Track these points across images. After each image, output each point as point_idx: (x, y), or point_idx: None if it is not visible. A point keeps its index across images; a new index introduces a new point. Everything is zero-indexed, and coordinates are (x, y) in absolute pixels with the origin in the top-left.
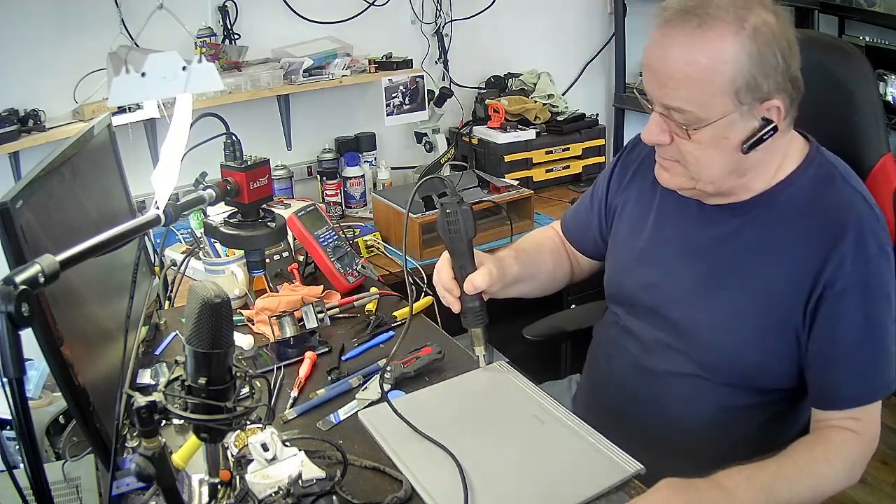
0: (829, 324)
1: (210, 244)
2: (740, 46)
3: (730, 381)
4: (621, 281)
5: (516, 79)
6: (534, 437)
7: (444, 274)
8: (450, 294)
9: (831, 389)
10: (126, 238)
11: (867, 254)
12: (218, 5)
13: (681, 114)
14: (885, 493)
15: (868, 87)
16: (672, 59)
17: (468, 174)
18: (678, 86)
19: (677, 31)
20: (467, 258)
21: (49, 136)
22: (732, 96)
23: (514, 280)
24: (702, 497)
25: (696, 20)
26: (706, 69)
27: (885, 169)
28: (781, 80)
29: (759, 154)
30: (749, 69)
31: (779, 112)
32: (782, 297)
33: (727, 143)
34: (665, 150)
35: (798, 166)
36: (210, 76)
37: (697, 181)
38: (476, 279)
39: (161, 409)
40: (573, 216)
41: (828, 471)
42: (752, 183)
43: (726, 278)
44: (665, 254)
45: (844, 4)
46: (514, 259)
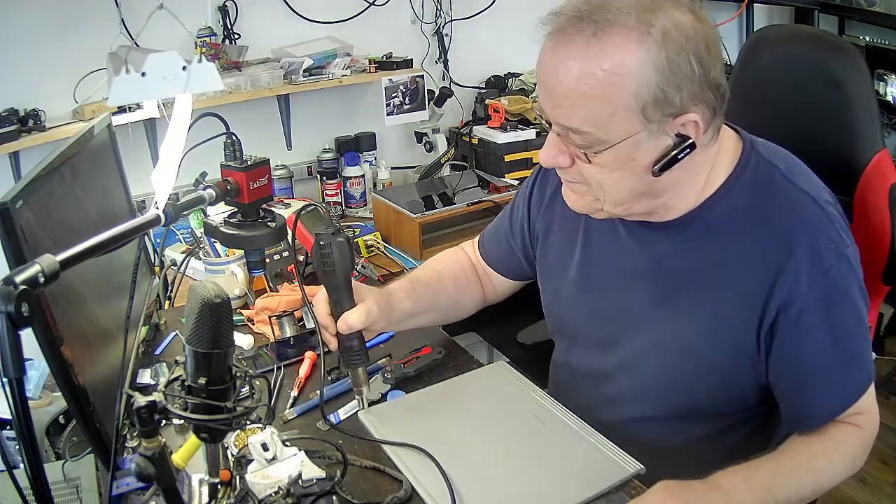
0: (792, 347)
1: (210, 244)
2: (646, 55)
3: (687, 413)
4: (560, 312)
5: (516, 79)
6: (534, 437)
7: (320, 309)
8: (326, 331)
9: (805, 411)
10: (126, 238)
11: (823, 265)
12: (218, 5)
13: (579, 135)
14: (885, 493)
15: (863, 83)
16: (564, 73)
17: (468, 174)
18: (573, 104)
19: (570, 41)
20: (343, 294)
21: (49, 136)
22: (637, 114)
23: (406, 315)
24: (700, 498)
25: (592, 27)
26: (604, 84)
27: (881, 165)
28: (698, 90)
29: (676, 173)
30: (657, 82)
31: (696, 127)
32: (731, 322)
33: (634, 164)
34: (567, 172)
35: (730, 174)
36: (210, 76)
37: (604, 204)
38: (351, 318)
39: (161, 409)
40: (492, 241)
41: (826, 465)
42: (672, 202)
43: (670, 304)
44: (602, 280)
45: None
46: (407, 293)
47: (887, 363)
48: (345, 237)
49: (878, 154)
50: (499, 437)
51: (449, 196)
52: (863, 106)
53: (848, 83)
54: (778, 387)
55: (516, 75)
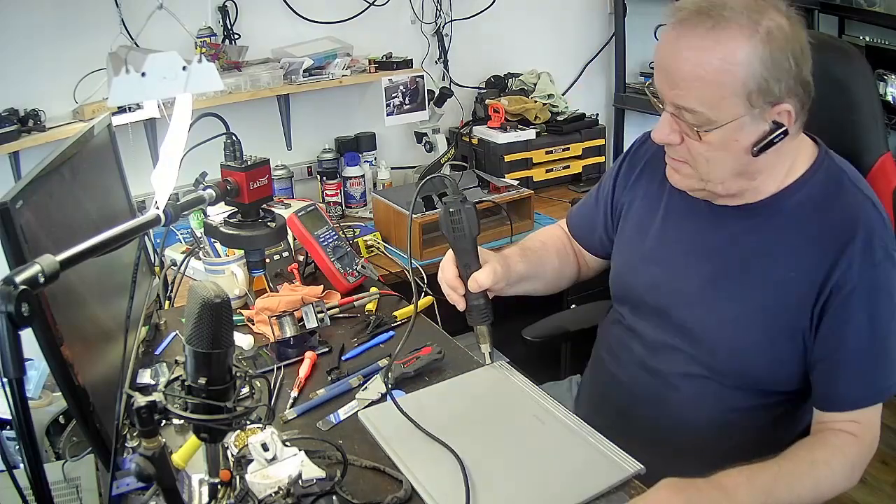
0: (836, 326)
1: (210, 244)
2: (753, 50)
3: (735, 382)
4: (627, 280)
5: (516, 79)
6: (534, 437)
7: (448, 272)
8: (454, 292)
9: (834, 391)
10: (126, 238)
11: (874, 258)
12: (218, 5)
13: (692, 114)
14: (885, 493)
15: (867, 86)
16: (684, 59)
17: (468, 174)
18: (689, 86)
19: (691, 32)
20: (471, 256)
21: (49, 136)
22: (744, 99)
23: (520, 278)
24: (701, 497)
25: (710, 21)
26: (718, 71)
27: (885, 168)
28: (793, 85)
29: (769, 157)
30: (761, 73)
31: (789, 116)
32: (790, 300)
33: (737, 145)
34: (675, 150)
35: (807, 170)
36: (210, 76)
37: (707, 182)
38: (480, 277)
39: (161, 409)
40: (579, 214)
41: (827, 473)
42: (762, 185)
43: (734, 280)
44: (672, 253)
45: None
46: (520, 257)
47: None
48: (472, 203)
49: (882, 157)
50: (499, 437)
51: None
52: (866, 109)
53: (851, 86)
54: (816, 364)
55: (516, 75)
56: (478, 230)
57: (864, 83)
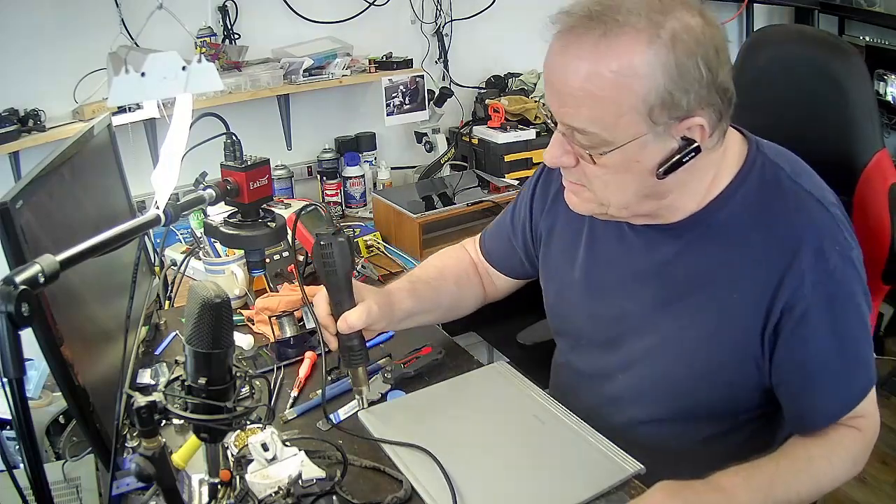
0: (795, 349)
1: (210, 244)
2: (654, 58)
3: (690, 415)
4: (563, 313)
5: (516, 79)
6: (534, 436)
7: (320, 309)
8: (326, 331)
9: (809, 412)
10: (126, 238)
11: (828, 266)
12: (218, 5)
13: (584, 135)
14: (886, 493)
15: (862, 83)
16: (572, 73)
17: (468, 174)
18: (579, 104)
19: (579, 41)
20: (344, 294)
21: (49, 136)
22: (644, 116)
23: (407, 315)
24: (699, 499)
25: (602, 28)
26: (612, 86)
27: (881, 165)
28: (706, 94)
29: (681, 175)
30: (665, 84)
31: (702, 130)
32: (736, 326)
33: (639, 166)
34: (570, 172)
35: (735, 176)
36: (210, 76)
37: (608, 206)
38: (351, 318)
39: (161, 409)
40: (494, 239)
41: (826, 468)
42: (677, 203)
43: (674, 306)
44: (606, 281)
45: (844, 4)
46: (409, 292)
47: (887, 363)
48: (345, 237)
49: (878, 154)
50: (499, 436)
51: (449, 196)
52: (862, 106)
53: (847, 83)
54: (781, 388)
55: (516, 75)
56: (351, 266)
57: (858, 80)
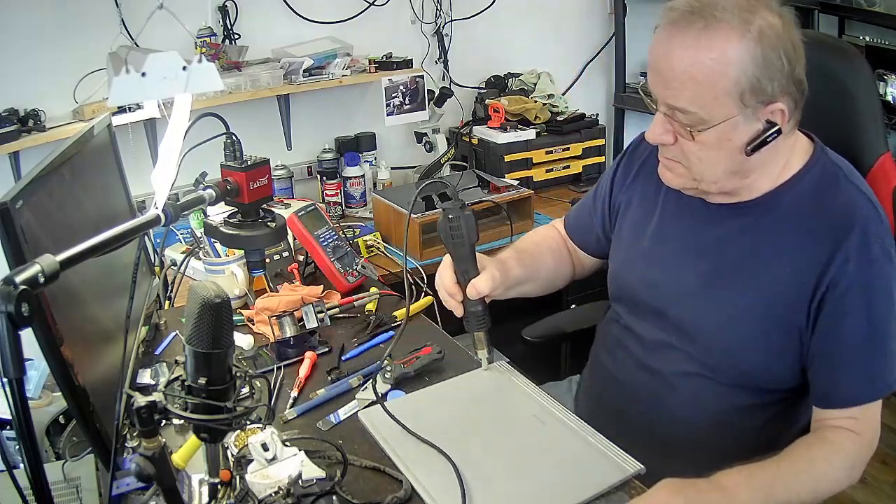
0: (833, 323)
1: (210, 244)
2: (745, 49)
3: (733, 380)
4: (624, 279)
5: (516, 79)
6: (534, 437)
7: (446, 278)
8: (452, 299)
9: (832, 388)
10: (126, 238)
11: (870, 255)
12: (218, 5)
13: (685, 114)
14: (885, 493)
15: (867, 86)
16: (677, 59)
17: (468, 174)
18: (682, 87)
19: (682, 32)
20: (470, 263)
21: (49, 136)
22: (736, 99)
23: (517, 282)
24: (701, 497)
25: (702, 22)
26: (710, 71)
27: (884, 168)
28: (786, 83)
29: (763, 156)
30: (753, 72)
31: (783, 115)
32: (786, 297)
33: (730, 144)
34: (668, 149)
35: (802, 167)
36: (210, 76)
37: (700, 181)
38: (479, 284)
39: (161, 409)
40: (576, 214)
41: (827, 471)
42: (756, 183)
43: (729, 278)
44: (668, 252)
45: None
46: (517, 261)
47: None
48: (471, 210)
49: (882, 157)
50: (499, 436)
51: (449, 196)
52: (866, 109)
53: (851, 86)
54: (814, 361)
55: (516, 75)
56: (477, 237)
57: (863, 83)
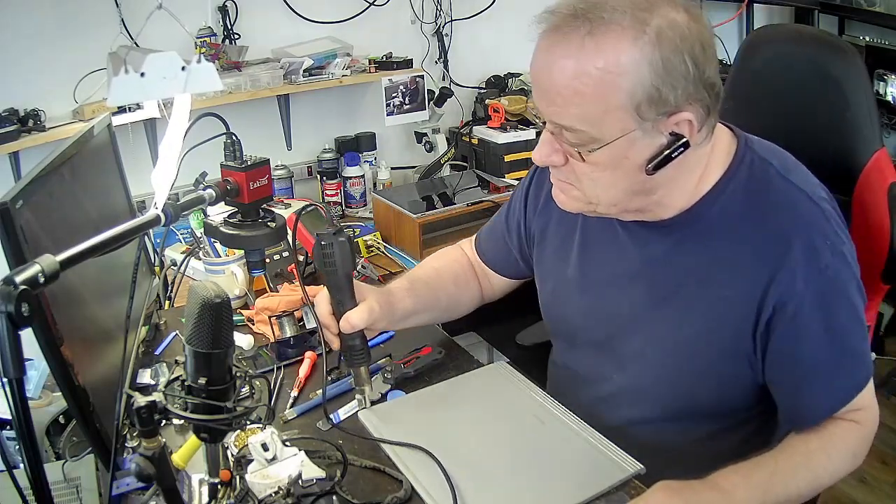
0: (788, 346)
1: (210, 244)
2: (640, 54)
3: (687, 414)
4: (557, 311)
5: (516, 79)
6: (534, 436)
7: (322, 308)
8: (328, 331)
9: (802, 409)
10: (126, 238)
11: (819, 263)
12: (218, 5)
13: (572, 133)
14: (885, 493)
15: (861, 82)
16: (559, 71)
17: (468, 174)
18: (567, 102)
19: (565, 40)
20: (345, 293)
21: (49, 136)
22: (632, 112)
23: (407, 315)
24: (699, 499)
25: (587, 26)
26: (599, 83)
27: (879, 164)
28: (693, 90)
29: (670, 171)
30: (651, 80)
31: (690, 125)
32: (728, 322)
33: (628, 163)
34: (559, 171)
35: (725, 172)
36: (210, 76)
37: (597, 204)
38: (353, 317)
39: (161, 409)
40: (489, 239)
41: (826, 463)
42: (667, 200)
43: (668, 304)
44: (598, 279)
45: (844, 4)
46: (408, 292)
47: (887, 363)
48: (346, 237)
49: (877, 153)
50: (499, 437)
51: (449, 196)
52: (861, 105)
53: (846, 82)
54: (775, 385)
55: (516, 75)
56: (352, 266)
57: (857, 79)
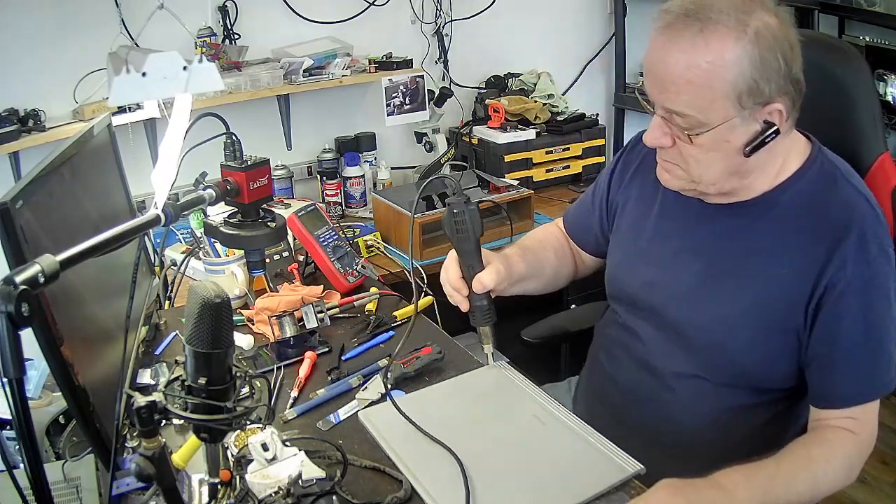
0: (831, 324)
1: (210, 244)
2: (742, 51)
3: (731, 381)
4: (622, 279)
5: (516, 79)
6: (534, 437)
7: (451, 273)
8: (458, 293)
9: (830, 388)
10: (126, 238)
11: (868, 255)
12: (218, 5)
13: (682, 118)
14: (885, 493)
15: (866, 86)
16: (673, 63)
17: (468, 174)
18: (679, 90)
19: (678, 36)
20: (475, 257)
21: (49, 136)
22: (734, 101)
23: (521, 278)
24: (701, 497)
25: (698, 24)
26: (707, 74)
27: (884, 168)
28: (783, 83)
29: (761, 156)
30: (751, 73)
31: (780, 115)
32: (783, 297)
33: (728, 146)
34: (666, 152)
35: (800, 167)
36: (210, 76)
37: (699, 183)
38: (485, 278)
39: (161, 409)
40: (575, 213)
41: (826, 470)
42: (754, 184)
43: (727, 278)
44: (665, 252)
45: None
46: (520, 257)
47: None
48: (475, 204)
49: (881, 157)
50: (499, 437)
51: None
52: (865, 109)
53: (850, 86)
54: (812, 362)
55: (516, 75)
56: (482, 231)
57: (862, 83)
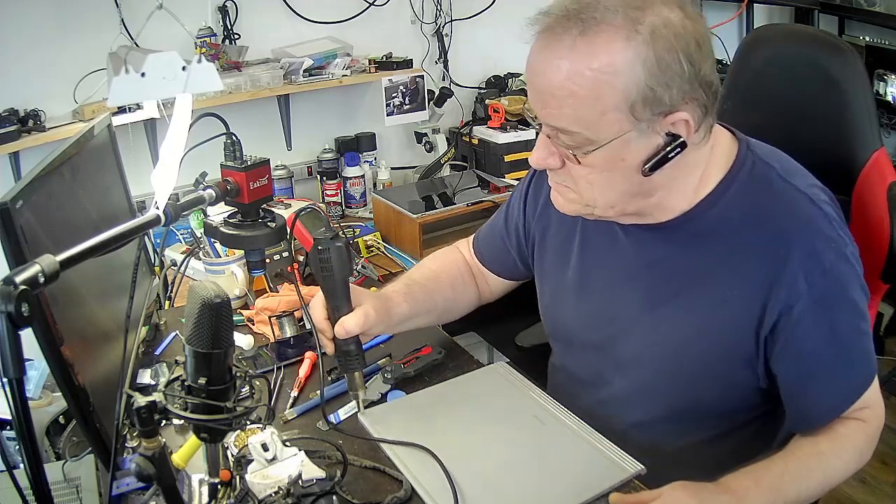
0: (794, 348)
1: (210, 244)
2: (633, 54)
3: (689, 415)
4: (556, 316)
5: (516, 79)
6: (534, 437)
7: (317, 313)
8: (323, 336)
9: (807, 411)
10: (126, 238)
11: (823, 265)
12: (218, 5)
13: (567, 135)
14: (885, 493)
15: (860, 82)
16: (552, 73)
17: (468, 174)
18: (561, 104)
19: (558, 41)
20: (341, 298)
21: (49, 136)
22: (626, 113)
23: (404, 319)
24: (713, 500)
25: (579, 26)
26: (592, 83)
27: (879, 164)
28: (689, 88)
29: (668, 172)
30: (645, 80)
31: (687, 125)
32: (728, 325)
33: (624, 165)
34: (556, 174)
35: (726, 174)
36: (210, 76)
37: (594, 207)
38: (348, 323)
39: (161, 409)
40: (487, 240)
41: (836, 463)
42: (666, 202)
43: (668, 306)
44: (597, 284)
45: (844, 4)
46: (405, 296)
47: (887, 363)
48: (343, 242)
49: (876, 153)
50: (499, 437)
51: (449, 196)
52: (860, 105)
53: (845, 82)
54: (781, 388)
55: (516, 75)
56: (349, 271)
57: (856, 79)
